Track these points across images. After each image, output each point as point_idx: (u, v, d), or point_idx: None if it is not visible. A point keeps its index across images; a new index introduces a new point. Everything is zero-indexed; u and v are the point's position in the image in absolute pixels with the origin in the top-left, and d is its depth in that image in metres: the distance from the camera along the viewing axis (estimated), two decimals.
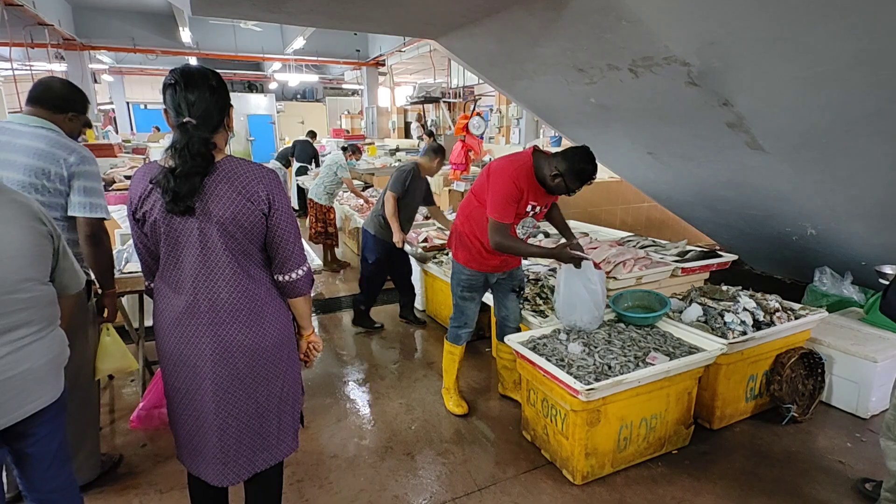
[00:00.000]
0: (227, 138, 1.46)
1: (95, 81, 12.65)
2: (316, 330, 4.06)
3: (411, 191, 3.74)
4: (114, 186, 4.93)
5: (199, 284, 1.41)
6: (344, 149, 5.77)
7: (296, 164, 8.66)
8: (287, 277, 1.49)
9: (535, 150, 2.51)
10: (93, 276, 2.06)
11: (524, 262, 3.69)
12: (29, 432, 1.44)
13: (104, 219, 1.98)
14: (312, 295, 1.62)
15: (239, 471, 1.52)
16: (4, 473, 1.66)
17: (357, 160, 5.99)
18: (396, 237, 3.71)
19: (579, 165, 2.37)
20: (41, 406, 1.43)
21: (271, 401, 1.53)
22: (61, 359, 1.51)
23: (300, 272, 1.50)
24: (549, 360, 2.31)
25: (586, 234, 4.12)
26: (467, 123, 6.86)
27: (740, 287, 3.10)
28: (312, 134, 9.46)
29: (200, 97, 1.34)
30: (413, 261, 4.19)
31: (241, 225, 1.38)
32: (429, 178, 3.99)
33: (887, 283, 2.17)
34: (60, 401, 1.50)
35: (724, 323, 2.65)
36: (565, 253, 2.50)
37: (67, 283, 1.56)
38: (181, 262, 1.41)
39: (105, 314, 2.11)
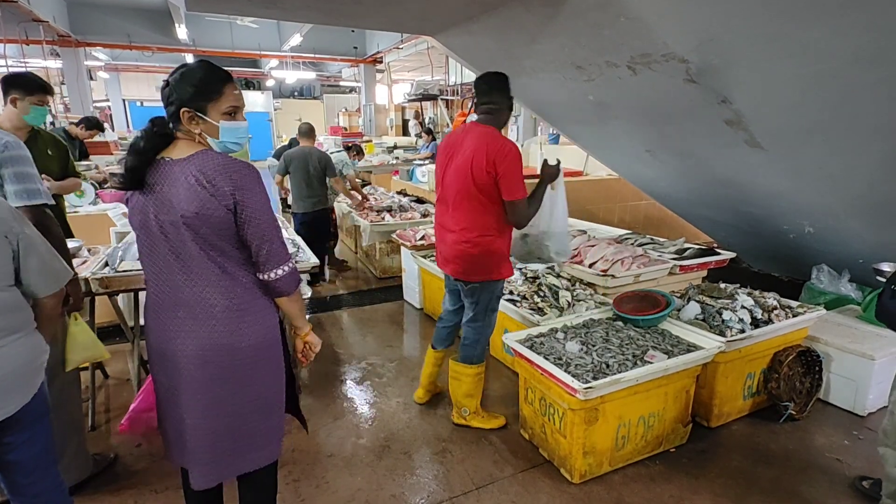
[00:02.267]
0: (196, 133, 1.40)
1: (91, 78, 12.57)
2: (317, 329, 4.06)
3: None
4: (107, 185, 4.90)
5: (175, 280, 1.39)
6: (348, 148, 5.87)
7: None
8: (266, 277, 1.43)
9: (475, 123, 2.43)
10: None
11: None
12: (4, 441, 1.41)
13: (46, 204, 1.89)
14: (309, 294, 1.60)
15: (211, 474, 1.47)
16: None
17: (360, 160, 6.02)
18: (357, 201, 5.29)
19: (502, 79, 2.40)
20: (5, 416, 1.37)
21: (249, 404, 1.47)
22: (32, 366, 1.44)
23: (280, 272, 1.43)
24: (546, 359, 2.30)
25: (584, 232, 4.11)
26: (465, 121, 6.84)
27: (738, 285, 3.10)
28: None
29: (163, 90, 1.41)
30: (411, 260, 4.21)
31: (207, 220, 1.33)
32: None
33: (885, 280, 2.16)
34: (35, 407, 1.45)
35: (723, 321, 2.65)
36: (550, 170, 2.50)
37: (37, 284, 1.46)
38: (156, 257, 1.41)
39: (70, 303, 2.03)
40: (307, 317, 1.70)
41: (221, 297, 1.39)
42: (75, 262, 2.64)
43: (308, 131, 4.90)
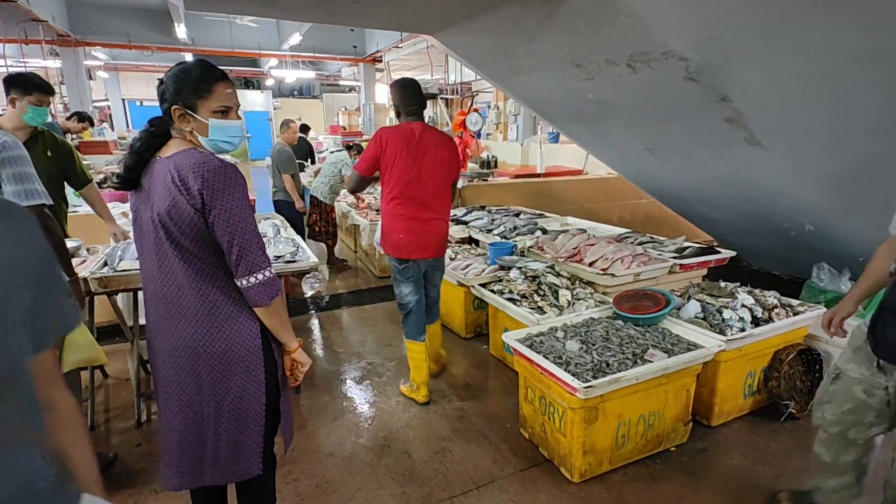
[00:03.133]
0: (187, 131, 1.39)
1: (91, 78, 12.56)
2: (317, 328, 4.06)
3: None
4: (106, 185, 4.90)
5: (155, 276, 1.40)
6: (349, 147, 5.88)
7: None
8: (240, 283, 1.37)
9: (420, 122, 2.68)
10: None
11: (522, 258, 3.68)
12: None
13: (44, 204, 1.88)
14: (310, 293, 1.58)
15: (183, 478, 1.45)
16: None
17: None
18: (299, 205, 5.09)
19: (417, 84, 2.75)
20: None
21: (221, 414, 1.41)
22: None
23: (252, 280, 1.35)
24: (546, 358, 2.30)
25: (584, 231, 4.10)
26: (464, 120, 6.84)
27: (738, 283, 3.09)
28: (304, 128, 9.24)
29: (158, 88, 1.42)
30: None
31: (177, 221, 1.31)
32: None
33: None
34: None
35: (723, 319, 2.64)
36: None
37: None
38: (144, 253, 1.43)
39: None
40: (308, 321, 1.67)
41: (194, 299, 1.37)
42: (74, 261, 2.64)
43: (280, 125, 5.33)
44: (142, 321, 2.16)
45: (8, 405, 0.64)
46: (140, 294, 2.58)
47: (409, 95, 2.66)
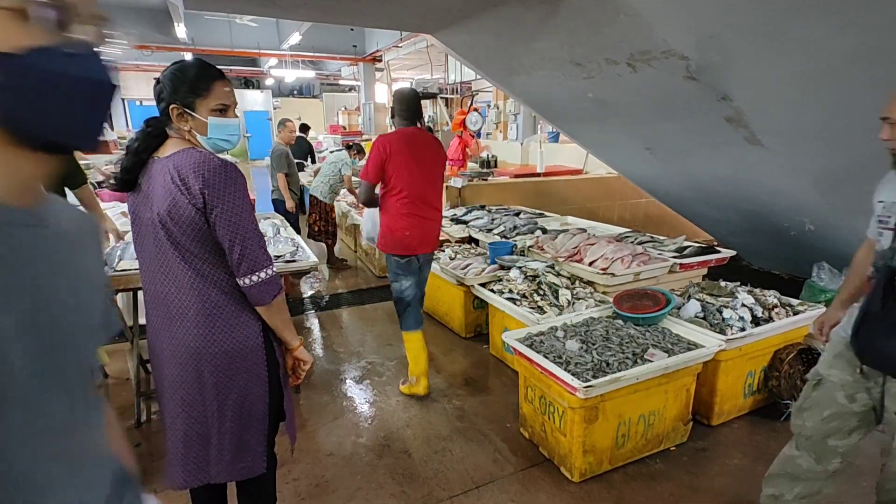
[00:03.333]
0: (186, 130, 1.38)
1: None
2: (316, 328, 4.06)
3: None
4: (105, 185, 4.89)
5: (156, 277, 1.39)
6: (349, 147, 5.87)
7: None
8: (241, 282, 1.37)
9: (416, 128, 2.83)
10: None
11: (522, 258, 3.68)
12: None
13: None
14: (310, 293, 1.57)
15: (188, 475, 1.45)
16: None
17: (361, 159, 6.04)
18: (289, 204, 5.08)
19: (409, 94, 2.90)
20: None
21: (224, 413, 1.42)
22: None
23: (254, 279, 1.35)
24: (546, 357, 2.30)
25: (584, 230, 4.10)
26: (464, 119, 6.84)
27: (738, 283, 3.09)
28: (304, 127, 9.21)
29: (155, 87, 1.42)
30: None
31: (178, 220, 1.30)
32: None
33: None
34: None
35: (723, 319, 2.65)
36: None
37: None
38: (144, 254, 1.42)
39: None
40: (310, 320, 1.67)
41: (195, 300, 1.36)
42: None
43: (278, 125, 5.42)
44: (142, 321, 2.17)
45: (94, 406, 0.68)
46: (140, 294, 2.58)
47: (407, 102, 2.81)
